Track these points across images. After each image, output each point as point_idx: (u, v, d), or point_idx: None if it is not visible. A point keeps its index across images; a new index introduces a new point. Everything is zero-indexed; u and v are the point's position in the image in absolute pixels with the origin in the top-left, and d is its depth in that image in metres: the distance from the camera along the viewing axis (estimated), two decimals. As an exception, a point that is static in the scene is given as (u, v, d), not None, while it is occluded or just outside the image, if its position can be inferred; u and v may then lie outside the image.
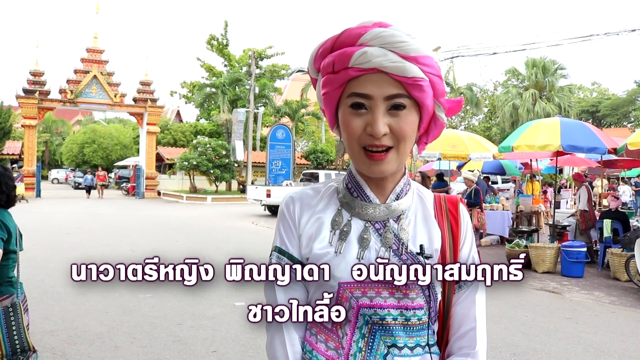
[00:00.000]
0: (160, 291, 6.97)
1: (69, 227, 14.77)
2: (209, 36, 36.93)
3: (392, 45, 1.10)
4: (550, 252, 9.50)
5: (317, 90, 1.26)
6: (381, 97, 1.12)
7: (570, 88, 42.66)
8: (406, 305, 1.19)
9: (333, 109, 1.23)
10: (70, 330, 5.47)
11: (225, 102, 34.57)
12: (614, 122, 48.03)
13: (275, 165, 29.17)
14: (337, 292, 1.19)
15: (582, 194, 11.00)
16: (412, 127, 1.17)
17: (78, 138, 51.92)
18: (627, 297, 7.84)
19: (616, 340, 5.69)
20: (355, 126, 1.14)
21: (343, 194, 1.28)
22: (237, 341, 5.28)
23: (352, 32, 1.14)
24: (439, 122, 1.24)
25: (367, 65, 1.10)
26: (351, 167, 1.29)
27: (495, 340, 5.42)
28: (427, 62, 1.13)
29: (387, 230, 1.23)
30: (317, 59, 1.21)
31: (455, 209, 1.32)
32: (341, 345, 1.20)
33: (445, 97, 1.22)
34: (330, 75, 1.16)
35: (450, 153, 12.48)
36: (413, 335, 1.21)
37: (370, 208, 1.24)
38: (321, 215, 1.27)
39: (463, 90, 42.56)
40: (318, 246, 1.22)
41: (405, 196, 1.27)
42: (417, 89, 1.13)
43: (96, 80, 30.30)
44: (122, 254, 10.30)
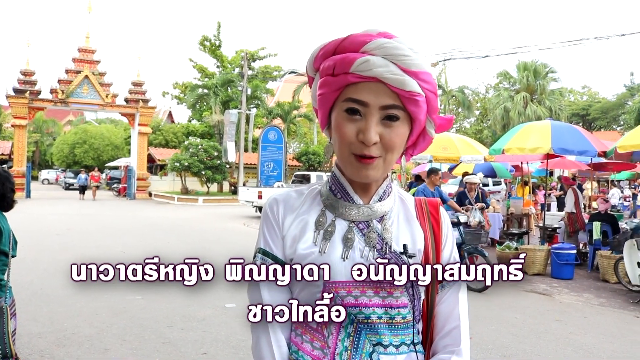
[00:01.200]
0: (150, 293, 6.94)
1: (59, 228, 14.68)
2: (202, 37, 36.88)
3: (394, 57, 1.12)
4: (540, 254, 9.54)
5: (312, 90, 1.27)
6: (377, 106, 1.13)
7: (561, 91, 43.03)
8: (390, 304, 1.21)
9: (327, 111, 1.24)
10: (59, 333, 5.44)
11: (217, 103, 34.51)
12: (604, 126, 48.47)
13: (267, 166, 29.14)
14: (322, 291, 1.20)
15: (569, 196, 11.06)
16: (402, 139, 1.19)
17: (69, 138, 51.64)
18: (616, 298, 7.89)
19: (605, 342, 5.73)
20: (347, 131, 1.16)
21: (326, 196, 1.29)
22: (228, 343, 5.27)
23: (356, 39, 1.15)
24: (427, 137, 1.27)
25: (368, 73, 1.12)
26: (335, 169, 1.31)
27: (486, 341, 5.44)
28: (426, 79, 1.15)
29: (370, 231, 1.24)
30: (317, 59, 1.22)
31: (436, 211, 1.35)
32: (327, 344, 1.20)
33: (437, 113, 1.24)
34: (329, 78, 1.17)
35: (441, 155, 12.53)
36: (398, 334, 1.22)
37: (353, 209, 1.26)
38: (305, 216, 1.28)
39: (455, 92, 42.81)
40: (302, 246, 1.23)
41: (388, 198, 1.29)
42: (413, 104, 1.15)
43: (88, 80, 30.12)
44: (113, 255, 10.26)
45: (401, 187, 14.56)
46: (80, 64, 30.23)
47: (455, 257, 1.34)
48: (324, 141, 40.63)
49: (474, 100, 47.36)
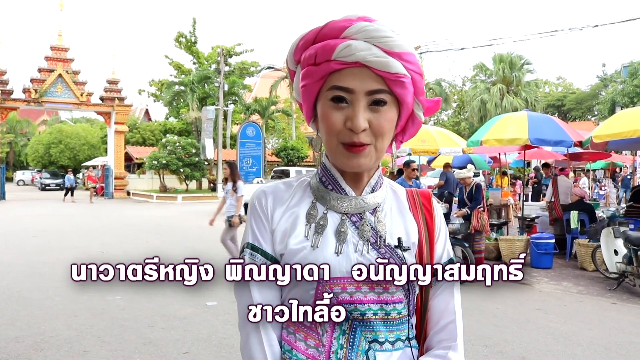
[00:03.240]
0: (130, 292, 6.86)
1: (36, 230, 14.42)
2: (177, 33, 36.60)
3: (376, 39, 1.09)
4: (519, 244, 9.64)
5: (294, 83, 1.23)
6: (363, 91, 1.10)
7: (536, 83, 43.54)
8: (386, 300, 1.18)
9: (311, 102, 1.20)
10: (36, 336, 5.33)
11: (194, 100, 34.27)
12: (579, 116, 49.14)
13: (246, 162, 29.03)
14: (316, 288, 1.16)
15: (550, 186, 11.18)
16: (391, 124, 1.16)
17: (44, 138, 50.75)
18: (594, 286, 8.01)
19: (584, 329, 5.80)
20: (335, 120, 1.12)
21: (317, 187, 1.25)
22: (210, 341, 5.22)
23: (336, 25, 1.12)
24: (416, 120, 1.24)
25: (351, 58, 1.09)
26: (324, 160, 1.27)
27: (468, 332, 5.47)
28: (410, 59, 1.13)
29: (364, 223, 1.21)
30: (297, 50, 1.18)
31: (428, 203, 1.32)
32: (321, 342, 1.17)
33: (424, 95, 1.21)
34: (311, 67, 1.14)
35: (420, 148, 12.57)
36: (393, 330, 1.19)
37: (345, 201, 1.22)
38: (295, 209, 1.24)
39: (432, 85, 42.98)
40: (294, 241, 1.19)
41: (380, 189, 1.26)
42: (399, 85, 1.12)
43: (61, 79, 29.62)
44: (91, 256, 10.10)
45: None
46: (53, 63, 29.73)
47: (449, 250, 1.31)
48: (302, 136, 40.63)
49: (451, 93, 47.61)
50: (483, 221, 8.39)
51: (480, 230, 8.35)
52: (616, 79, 38.46)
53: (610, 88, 37.87)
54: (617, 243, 7.79)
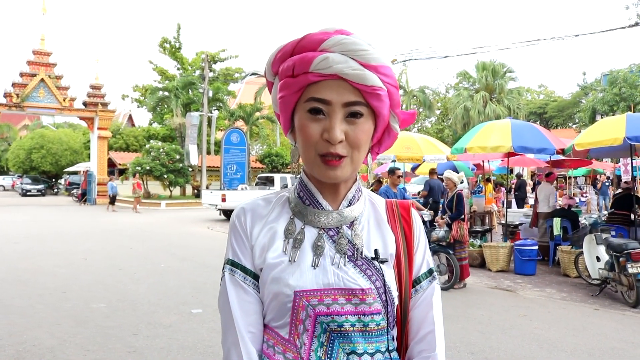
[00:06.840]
0: (115, 300, 6.78)
1: (17, 236, 14.23)
2: (162, 39, 36.38)
3: (353, 52, 1.11)
4: (503, 251, 9.72)
5: (272, 94, 1.25)
6: (340, 103, 1.12)
7: (519, 90, 43.95)
8: (364, 311, 1.18)
9: (289, 114, 1.21)
10: (18, 345, 5.24)
11: (178, 106, 34.09)
12: (560, 124, 49.78)
13: (230, 169, 28.88)
14: (293, 300, 1.17)
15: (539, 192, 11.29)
16: (367, 136, 1.17)
17: (25, 143, 50.01)
18: (577, 292, 8.09)
19: (568, 335, 5.85)
20: (312, 131, 1.13)
21: (295, 203, 1.27)
22: (195, 349, 5.18)
23: (313, 38, 1.13)
24: (392, 132, 1.25)
25: (328, 71, 1.10)
26: (302, 175, 1.28)
27: (453, 339, 5.50)
28: (386, 72, 1.14)
29: (340, 237, 1.22)
30: (275, 62, 1.19)
31: (407, 214, 1.33)
32: (300, 355, 1.17)
33: (400, 108, 1.22)
34: (289, 79, 1.15)
35: (404, 155, 12.63)
36: (372, 341, 1.19)
37: (322, 215, 1.24)
38: (274, 224, 1.26)
39: (416, 93, 43.31)
40: (272, 255, 1.21)
41: (357, 202, 1.28)
42: (375, 98, 1.13)
43: (44, 84, 29.36)
44: (74, 263, 9.97)
45: (366, 186, 14.55)
46: (35, 67, 29.48)
47: (428, 260, 1.32)
48: (286, 143, 40.53)
49: (435, 100, 47.95)
50: (462, 231, 8.37)
51: (459, 240, 8.36)
52: (596, 87, 39.00)
53: (591, 96, 38.38)
54: (599, 250, 7.89)
